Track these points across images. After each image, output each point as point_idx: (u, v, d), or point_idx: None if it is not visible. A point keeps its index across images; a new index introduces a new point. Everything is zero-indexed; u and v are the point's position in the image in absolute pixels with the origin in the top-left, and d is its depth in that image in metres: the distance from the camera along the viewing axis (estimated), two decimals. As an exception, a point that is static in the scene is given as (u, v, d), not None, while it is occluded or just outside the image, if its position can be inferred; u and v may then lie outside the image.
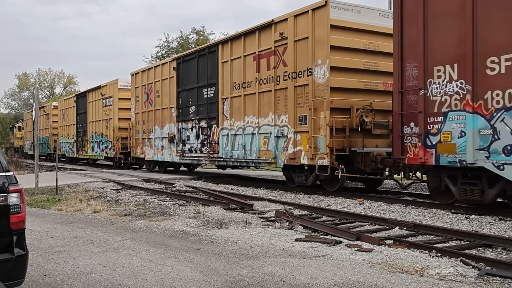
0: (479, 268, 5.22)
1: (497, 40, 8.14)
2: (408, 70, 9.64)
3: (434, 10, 9.08)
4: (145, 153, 21.34)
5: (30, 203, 11.35)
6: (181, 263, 5.56)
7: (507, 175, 7.93)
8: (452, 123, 8.85)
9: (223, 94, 15.67)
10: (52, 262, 5.69)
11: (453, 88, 8.84)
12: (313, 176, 12.44)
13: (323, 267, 5.27)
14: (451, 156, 8.84)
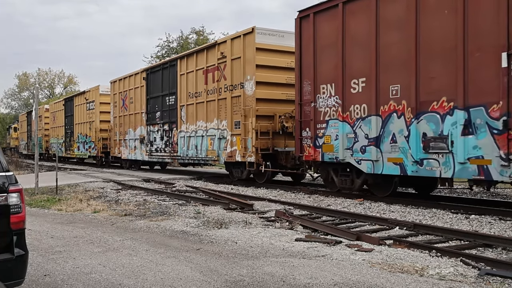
0: (479, 268, 5.22)
1: (357, 67, 10.90)
2: (304, 87, 12.34)
3: (320, 43, 11.86)
4: (122, 153, 23.82)
5: (30, 203, 11.35)
6: (181, 263, 5.56)
7: (363, 168, 10.76)
8: (331, 129, 11.57)
9: (181, 101, 18.30)
10: (52, 262, 5.69)
11: (331, 102, 11.58)
12: (246, 171, 15.03)
13: (323, 267, 5.27)
14: (330, 154, 11.58)
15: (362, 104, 10.74)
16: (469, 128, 8.75)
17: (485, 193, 12.21)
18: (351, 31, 11.03)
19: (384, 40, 10.27)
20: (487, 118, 8.45)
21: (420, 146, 9.53)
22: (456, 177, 9.23)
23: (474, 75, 8.66)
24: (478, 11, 8.60)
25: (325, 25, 11.71)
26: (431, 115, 9.38)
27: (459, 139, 8.82)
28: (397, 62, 10.01)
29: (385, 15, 10.25)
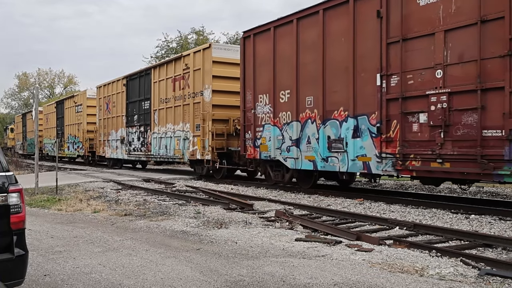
0: (479, 268, 5.21)
1: (284, 81, 13.00)
2: (247, 96, 14.42)
3: (258, 60, 13.98)
4: (106, 152, 25.91)
5: (30, 203, 11.35)
6: (181, 263, 5.56)
7: (288, 164, 12.90)
8: (266, 132, 13.69)
9: (154, 106, 20.47)
10: (52, 262, 5.69)
11: (266, 109, 13.68)
12: (205, 167, 16.93)
13: (323, 267, 5.27)
14: (266, 153, 13.69)
15: (287, 112, 12.94)
16: (357, 132, 10.88)
17: (485, 193, 12.21)
18: (280, 51, 13.18)
19: (302, 59, 12.42)
20: (368, 124, 10.59)
21: (326, 147, 11.70)
22: (350, 171, 11.26)
23: (360, 90, 10.80)
24: (363, 40, 10.71)
25: (262, 45, 13.85)
26: (333, 121, 11.55)
27: (351, 141, 11.00)
28: (311, 78, 12.12)
29: (303, 39, 12.36)
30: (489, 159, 8.36)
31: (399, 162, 9.84)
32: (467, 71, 8.78)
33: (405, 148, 9.80)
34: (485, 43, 8.50)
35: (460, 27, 8.86)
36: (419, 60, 9.56)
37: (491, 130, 8.42)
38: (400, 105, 9.83)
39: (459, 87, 8.86)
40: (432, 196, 11.58)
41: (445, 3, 9.09)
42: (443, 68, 9.11)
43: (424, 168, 9.43)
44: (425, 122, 9.41)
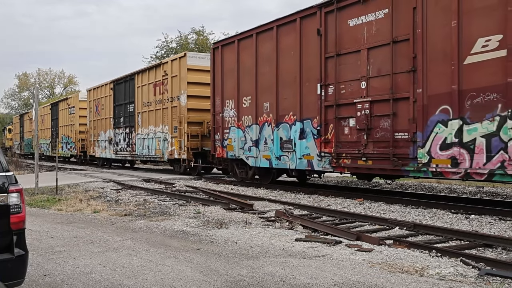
0: (479, 268, 5.21)
1: (246, 88, 14.43)
2: (216, 101, 15.88)
3: (225, 69, 15.38)
4: (96, 152, 27.35)
5: (30, 203, 11.35)
6: (181, 263, 5.56)
7: (250, 162, 14.40)
8: (232, 133, 15.11)
9: (137, 109, 21.99)
10: (52, 262, 5.69)
11: (232, 113, 15.11)
12: (182, 166, 18.80)
13: (323, 267, 5.27)
14: (231, 152, 15.15)
15: (249, 115, 14.40)
16: (303, 134, 12.37)
17: (485, 193, 12.21)
18: (242, 62, 14.61)
19: (260, 69, 13.89)
20: (311, 127, 12.10)
21: (279, 147, 13.23)
22: (297, 168, 12.71)
23: (305, 98, 12.30)
24: (308, 54, 12.16)
25: (228, 55, 15.28)
26: (284, 124, 13.04)
27: (298, 142, 12.50)
28: (267, 86, 13.62)
29: (261, 52, 13.86)
30: (399, 157, 9.94)
31: (334, 160, 11.42)
32: (384, 83, 10.27)
33: (339, 148, 11.38)
34: (396, 60, 10.01)
35: (379, 46, 10.36)
36: (349, 72, 11.09)
37: (401, 133, 9.98)
38: (335, 111, 11.40)
39: (378, 96, 10.40)
40: (432, 196, 11.58)
41: (368, 25, 10.61)
42: (366, 80, 10.65)
43: (353, 165, 11.04)
44: (354, 126, 10.96)
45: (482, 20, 8.59)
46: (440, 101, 9.19)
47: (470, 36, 8.71)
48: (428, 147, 9.38)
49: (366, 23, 10.61)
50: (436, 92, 9.28)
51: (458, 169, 8.87)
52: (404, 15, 9.85)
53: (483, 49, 8.55)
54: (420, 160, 9.49)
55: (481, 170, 8.49)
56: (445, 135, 9.08)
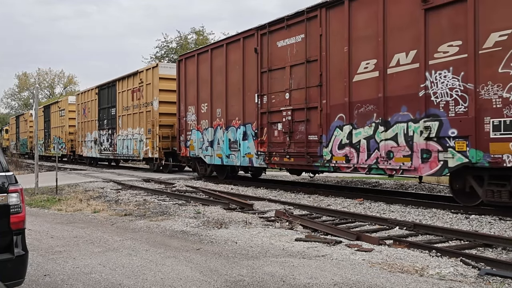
0: (479, 268, 5.21)
1: (204, 96, 16.57)
2: (181, 107, 18.06)
3: (188, 79, 17.53)
4: (83, 151, 29.42)
5: (30, 203, 11.35)
6: (181, 263, 5.56)
7: (207, 160, 16.52)
8: (193, 135, 17.27)
9: (118, 112, 24.04)
10: (52, 262, 5.69)
11: (193, 118, 17.24)
12: (156, 164, 20.81)
13: (323, 267, 5.27)
14: (193, 151, 17.30)
15: (206, 120, 16.50)
16: (245, 136, 14.48)
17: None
18: (201, 73, 16.71)
19: (215, 80, 15.91)
20: (251, 130, 14.21)
21: (228, 147, 15.28)
22: (242, 165, 14.91)
23: (247, 105, 14.39)
24: (249, 69, 14.22)
25: (190, 67, 17.40)
26: (232, 128, 15.10)
27: (241, 142, 14.62)
28: (220, 95, 15.65)
29: (215, 65, 15.88)
30: (311, 155, 12.05)
31: (267, 158, 13.56)
32: (301, 95, 12.38)
33: (271, 147, 13.47)
34: (309, 76, 12.10)
35: (298, 64, 12.47)
36: (277, 85, 13.23)
37: (312, 135, 12.08)
38: (268, 117, 13.53)
39: (297, 105, 12.52)
40: (432, 196, 11.58)
41: (291, 46, 12.72)
42: (289, 92, 12.79)
43: (280, 162, 13.21)
44: (281, 130, 13.11)
45: (364, 47, 10.65)
46: (338, 110, 11.33)
47: (356, 59, 10.82)
48: (330, 147, 11.49)
49: (289, 45, 12.79)
50: (335, 103, 11.41)
51: (349, 164, 11.01)
52: (314, 40, 11.95)
53: (364, 70, 10.66)
54: (325, 157, 11.61)
55: (364, 165, 10.58)
56: (341, 138, 11.21)
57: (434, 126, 9.16)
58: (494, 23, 8.30)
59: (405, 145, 9.73)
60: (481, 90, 8.51)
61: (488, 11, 8.41)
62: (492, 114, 8.29)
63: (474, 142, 8.50)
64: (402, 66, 9.81)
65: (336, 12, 11.36)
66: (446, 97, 9.04)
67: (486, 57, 8.40)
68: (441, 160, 9.06)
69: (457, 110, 8.85)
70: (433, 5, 9.23)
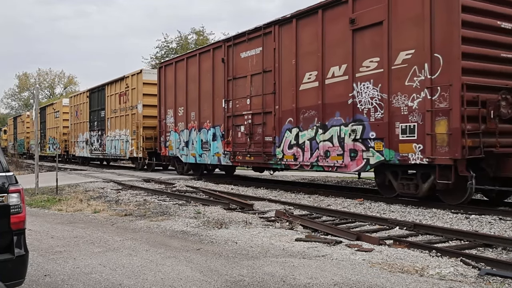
0: (479, 268, 5.21)
1: (180, 101, 18.14)
2: (161, 110, 19.60)
3: (167, 84, 19.12)
4: (76, 151, 30.98)
5: (31, 203, 11.35)
6: (181, 263, 5.56)
7: (183, 159, 18.19)
8: (171, 136, 18.88)
9: (107, 115, 25.41)
10: (52, 262, 5.69)
11: (171, 120, 18.84)
12: (140, 163, 22.31)
13: (323, 267, 5.27)
14: (171, 151, 18.91)
15: (182, 122, 18.04)
16: (215, 137, 16.03)
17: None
18: (178, 79, 18.17)
19: (190, 86, 17.47)
20: (220, 132, 15.75)
21: (200, 147, 16.89)
22: (212, 163, 16.55)
23: (216, 109, 15.96)
24: (218, 77, 15.80)
25: (168, 73, 18.94)
26: (204, 129, 16.71)
27: (212, 143, 16.20)
28: (194, 100, 17.22)
29: (190, 72, 17.39)
30: (267, 154, 13.59)
31: (232, 157, 15.07)
32: (259, 101, 13.92)
33: (235, 147, 14.96)
34: (266, 85, 13.65)
35: (256, 74, 13.99)
36: (240, 92, 14.71)
37: (268, 137, 13.61)
38: (232, 120, 15.02)
39: (256, 110, 14.07)
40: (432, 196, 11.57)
41: (251, 58, 14.23)
42: (250, 98, 14.31)
43: (243, 160, 14.74)
44: (243, 131, 14.58)
45: (308, 61, 12.18)
46: (288, 115, 12.86)
47: (302, 71, 12.37)
48: (282, 147, 13.04)
49: (250, 56, 14.29)
50: (286, 108, 12.96)
51: (296, 162, 12.60)
52: (270, 53, 13.47)
53: (308, 81, 12.22)
54: (278, 156, 13.17)
55: (307, 162, 12.21)
56: (290, 139, 12.76)
57: (359, 129, 10.79)
58: (402, 43, 9.83)
59: (338, 146, 11.35)
60: (393, 99, 10.04)
61: (398, 33, 9.93)
62: (400, 119, 9.88)
63: (388, 143, 10.10)
64: (336, 77, 11.43)
65: (287, 29, 12.93)
66: (368, 105, 10.64)
67: (396, 72, 9.96)
68: (364, 158, 10.68)
69: (376, 116, 10.45)
70: (358, 26, 10.76)
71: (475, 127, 9.04)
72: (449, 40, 9.01)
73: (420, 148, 9.48)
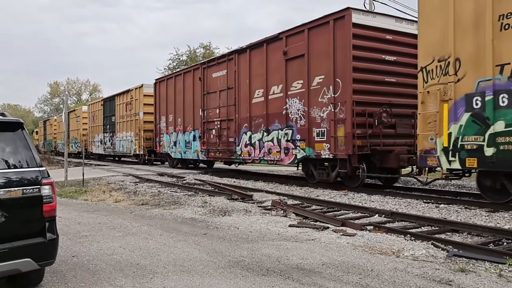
0: (447, 250, 5.22)
1: (170, 109, 20.01)
2: (157, 116, 21.64)
3: (161, 96, 21.07)
4: (93, 149, 33.07)
5: (60, 194, 11.33)
6: (190, 245, 5.56)
7: (172, 155, 20.07)
8: (164, 137, 20.81)
9: (117, 120, 27.36)
10: (79, 245, 5.69)
11: (164, 124, 20.77)
12: (142, 159, 24.19)
13: (313, 249, 5.27)
14: (164, 149, 20.85)
15: (172, 126, 20.02)
16: (194, 138, 17.94)
17: (453, 185, 12.21)
18: (168, 92, 20.15)
19: (177, 98, 19.33)
20: (198, 134, 17.57)
21: (185, 146, 18.80)
22: (193, 158, 18.49)
23: (196, 117, 17.81)
24: (197, 91, 17.65)
25: (162, 88, 20.92)
26: (187, 132, 18.58)
27: (193, 142, 18.06)
28: (180, 109, 19.09)
29: (177, 87, 19.33)
30: (230, 151, 15.44)
31: (206, 153, 17.07)
32: (225, 110, 15.77)
33: (209, 146, 16.89)
34: (229, 98, 15.47)
35: (223, 90, 15.85)
36: (212, 103, 16.63)
37: (231, 138, 15.41)
38: (207, 125, 16.93)
39: (223, 118, 15.89)
40: (407, 188, 11.58)
41: (219, 77, 16.09)
42: (219, 108, 16.16)
43: (214, 156, 16.65)
44: (214, 134, 16.45)
45: (257, 81, 14.09)
46: (244, 121, 14.64)
47: (253, 88, 14.27)
48: (240, 146, 14.84)
49: (219, 76, 16.15)
50: (243, 116, 14.76)
51: (250, 157, 14.45)
52: (232, 74, 15.32)
53: (257, 96, 14.13)
54: (237, 153, 15.02)
55: (257, 157, 14.05)
56: (246, 140, 14.60)
57: (290, 133, 12.69)
58: (317, 70, 11.71)
59: (277, 145, 13.16)
60: (311, 111, 11.91)
61: (314, 62, 11.81)
62: (316, 126, 11.78)
63: (308, 143, 11.99)
64: (275, 94, 13.30)
65: (243, 56, 14.80)
66: (296, 115, 12.50)
67: (313, 91, 11.84)
68: (294, 154, 12.54)
69: (300, 123, 12.30)
70: (289, 57, 12.65)
71: (364, 132, 10.83)
72: (344, 70, 10.87)
73: (328, 146, 11.32)
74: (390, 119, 11.09)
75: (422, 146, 8.92)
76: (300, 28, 12.26)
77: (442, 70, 8.60)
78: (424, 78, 8.92)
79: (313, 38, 11.84)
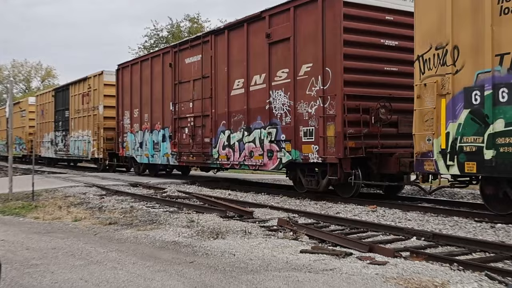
0: (506, 283, 5.21)
1: (135, 102, 20.89)
2: (119, 111, 22.16)
3: (124, 86, 21.60)
4: (41, 152, 33.14)
5: (3, 210, 11.36)
6: (172, 277, 5.56)
7: (138, 159, 20.72)
8: (128, 137, 21.39)
9: (71, 115, 27.64)
10: (28, 276, 5.68)
11: (128, 121, 21.33)
12: (102, 164, 24.40)
13: (332, 282, 5.26)
14: (128, 152, 21.36)
15: (137, 123, 20.45)
16: (164, 138, 18.38)
17: None
18: (134, 81, 20.68)
19: (143, 89, 19.98)
20: (168, 133, 18.16)
21: (152, 148, 19.30)
22: (162, 163, 19.13)
23: (165, 112, 18.39)
24: (166, 80, 18.23)
25: (125, 76, 21.38)
26: (155, 131, 19.13)
27: (161, 144, 18.60)
28: (147, 102, 19.69)
29: (143, 75, 19.93)
30: (205, 154, 16.00)
31: (178, 157, 17.50)
32: (199, 104, 16.37)
33: (180, 148, 17.34)
34: (205, 90, 16.03)
35: (197, 79, 16.44)
36: (185, 95, 17.15)
37: (207, 138, 15.93)
38: (178, 122, 17.40)
39: (197, 113, 16.51)
40: (454, 203, 11.58)
41: (193, 64, 16.67)
42: (192, 102, 16.74)
43: (187, 160, 17.21)
44: (187, 133, 16.91)
45: (237, 69, 14.53)
46: (222, 118, 15.13)
47: (232, 78, 14.70)
48: (218, 147, 15.35)
49: (193, 62, 16.64)
50: (220, 112, 15.24)
51: (228, 162, 14.93)
52: (208, 60, 15.79)
53: (237, 87, 14.55)
54: (214, 156, 15.55)
55: (236, 162, 14.55)
56: (224, 140, 15.09)
57: (274, 132, 13.10)
58: (304, 57, 12.07)
59: (260, 147, 13.61)
60: (298, 106, 12.30)
61: (301, 48, 12.16)
62: (303, 124, 12.12)
63: (294, 144, 12.35)
64: (258, 85, 13.65)
65: (221, 39, 15.28)
66: (280, 110, 12.91)
67: (300, 82, 12.24)
68: (278, 157, 12.97)
69: (286, 121, 12.72)
70: (272, 40, 13.08)
71: (358, 131, 11.10)
72: (334, 57, 11.23)
73: (316, 149, 11.70)
74: (390, 116, 11.42)
75: (419, 148, 9.21)
76: (285, 6, 12.66)
77: (439, 59, 8.84)
78: (421, 68, 9.19)
79: (299, 18, 12.22)
